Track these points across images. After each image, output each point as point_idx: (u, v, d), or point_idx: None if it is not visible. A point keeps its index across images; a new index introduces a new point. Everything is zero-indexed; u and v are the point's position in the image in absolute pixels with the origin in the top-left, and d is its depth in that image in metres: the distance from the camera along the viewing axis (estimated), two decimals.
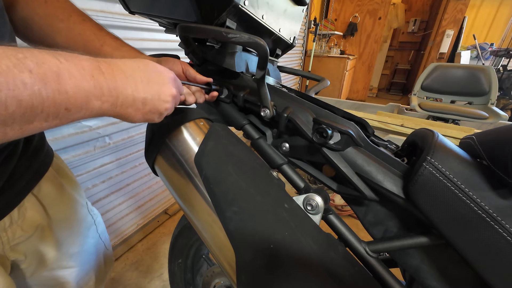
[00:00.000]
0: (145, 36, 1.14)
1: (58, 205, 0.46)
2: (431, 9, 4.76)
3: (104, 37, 0.42)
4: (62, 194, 0.47)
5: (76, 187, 0.53)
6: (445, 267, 0.32)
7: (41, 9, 0.38)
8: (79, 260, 0.50)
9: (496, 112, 1.85)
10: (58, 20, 0.39)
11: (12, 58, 0.19)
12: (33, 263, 0.43)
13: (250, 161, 0.40)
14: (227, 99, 0.48)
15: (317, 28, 3.01)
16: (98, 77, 0.25)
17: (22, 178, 0.39)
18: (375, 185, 0.33)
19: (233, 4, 0.38)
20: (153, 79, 0.31)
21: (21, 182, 0.39)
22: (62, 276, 0.47)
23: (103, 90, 0.26)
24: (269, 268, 0.31)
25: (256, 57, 0.54)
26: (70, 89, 0.22)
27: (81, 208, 0.52)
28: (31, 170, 0.41)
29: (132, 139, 1.18)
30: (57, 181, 0.47)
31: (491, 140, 0.29)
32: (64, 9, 0.40)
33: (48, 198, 0.44)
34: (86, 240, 0.53)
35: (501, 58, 3.65)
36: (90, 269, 0.54)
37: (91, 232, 0.55)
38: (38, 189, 0.42)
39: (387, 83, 5.68)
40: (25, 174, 0.39)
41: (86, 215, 0.54)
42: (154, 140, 0.44)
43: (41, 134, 0.46)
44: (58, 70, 0.22)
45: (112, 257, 0.65)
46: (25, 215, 0.40)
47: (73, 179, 0.53)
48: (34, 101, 0.20)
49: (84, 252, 0.52)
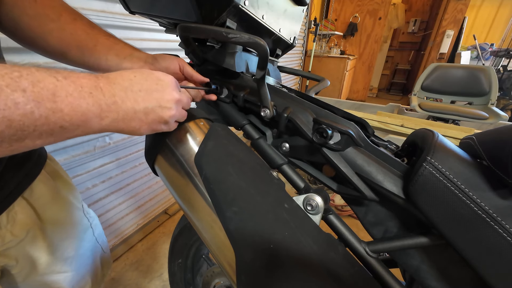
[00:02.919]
0: (145, 36, 1.14)
1: (52, 208, 0.44)
2: (431, 9, 4.76)
3: (97, 36, 0.41)
4: (55, 197, 0.46)
5: (71, 190, 0.51)
6: (445, 267, 0.32)
7: (31, 9, 0.36)
8: (74, 265, 0.49)
9: (496, 113, 1.85)
10: (48, 19, 0.37)
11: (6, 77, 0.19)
12: (25, 268, 0.42)
13: (250, 161, 0.40)
14: (227, 99, 0.48)
15: (317, 28, 3.01)
16: (97, 94, 0.25)
17: (11, 181, 0.37)
18: (375, 185, 0.33)
19: (233, 4, 0.38)
20: (152, 86, 0.30)
21: (10, 185, 0.37)
22: (56, 281, 0.46)
23: (102, 107, 0.25)
24: (269, 268, 0.31)
25: (256, 57, 0.54)
26: (65, 108, 0.22)
27: (76, 211, 0.50)
28: (21, 172, 0.39)
29: (132, 139, 1.18)
30: (50, 184, 0.45)
31: (491, 140, 0.29)
32: (54, 8, 0.38)
33: (40, 201, 0.42)
34: (82, 244, 0.51)
35: (501, 59, 3.66)
36: (86, 273, 0.52)
37: (87, 235, 0.53)
38: (29, 192, 0.41)
39: (387, 83, 5.68)
40: (15, 177, 0.38)
41: (82, 218, 0.52)
42: (154, 140, 0.44)
43: None
44: (54, 88, 0.21)
45: (110, 260, 0.63)
46: (15, 219, 0.38)
47: (68, 181, 0.51)
48: (26, 121, 0.19)
49: (79, 256, 0.50)
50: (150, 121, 0.31)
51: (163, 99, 0.31)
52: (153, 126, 0.31)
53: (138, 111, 0.29)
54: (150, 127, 0.31)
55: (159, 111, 0.31)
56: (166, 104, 0.32)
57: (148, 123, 0.30)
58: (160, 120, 0.32)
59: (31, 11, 0.36)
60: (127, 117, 0.28)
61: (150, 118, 0.30)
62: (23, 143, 0.21)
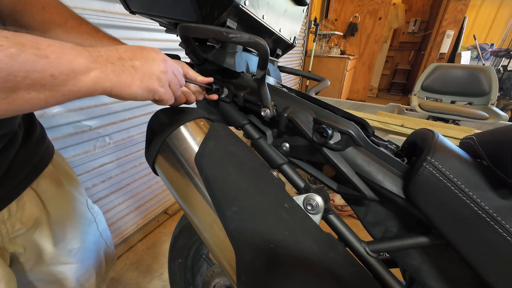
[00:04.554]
0: (145, 36, 1.14)
1: (56, 201, 0.47)
2: (431, 9, 4.76)
3: (101, 39, 0.42)
4: (60, 190, 0.48)
5: (75, 185, 0.53)
6: (445, 267, 0.32)
7: (39, 15, 0.38)
8: (79, 257, 0.51)
9: (496, 113, 1.85)
10: (55, 25, 0.39)
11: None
12: (32, 257, 0.44)
13: (250, 161, 0.40)
14: (227, 98, 0.48)
15: (318, 28, 3.01)
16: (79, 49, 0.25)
17: (21, 172, 0.39)
18: (375, 185, 0.33)
19: (234, 4, 0.38)
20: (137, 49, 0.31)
21: (20, 176, 0.39)
22: (61, 271, 0.48)
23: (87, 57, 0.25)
24: (269, 268, 0.31)
25: (256, 57, 0.54)
26: (50, 54, 0.22)
27: (80, 205, 0.53)
28: (30, 164, 0.41)
29: (132, 138, 1.18)
30: (55, 178, 0.47)
31: (491, 140, 0.29)
32: (61, 15, 0.40)
33: (46, 193, 0.45)
34: (86, 237, 0.53)
35: (501, 59, 3.65)
36: (90, 266, 0.54)
37: (91, 229, 0.55)
38: (37, 184, 0.43)
39: (387, 83, 5.67)
40: (24, 168, 0.40)
41: (86, 212, 0.54)
42: (155, 140, 0.44)
43: (41, 130, 0.46)
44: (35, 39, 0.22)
45: (114, 256, 0.65)
46: (24, 208, 0.41)
47: (72, 176, 0.53)
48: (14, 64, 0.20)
49: (84, 249, 0.52)
50: (141, 75, 0.30)
51: (150, 56, 0.32)
52: (146, 82, 0.30)
53: (127, 66, 0.29)
54: (142, 83, 0.30)
55: (150, 64, 0.31)
56: (155, 60, 0.32)
57: (140, 78, 0.30)
58: (151, 75, 0.31)
59: (39, 18, 0.38)
60: (116, 69, 0.28)
61: (141, 72, 0.30)
62: (18, 95, 0.21)
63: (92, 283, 0.55)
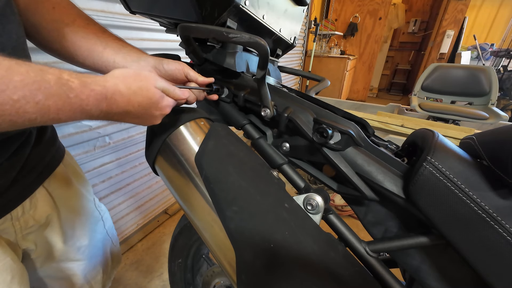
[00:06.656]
0: (145, 36, 1.14)
1: (66, 199, 0.48)
2: (431, 9, 4.76)
3: (107, 40, 0.42)
4: (70, 188, 0.49)
5: (84, 183, 0.54)
6: (445, 267, 0.32)
7: (49, 15, 0.39)
8: (87, 254, 0.52)
9: (496, 113, 1.85)
10: (63, 24, 0.40)
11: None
12: (43, 253, 0.45)
13: (250, 161, 0.40)
14: (227, 98, 0.48)
15: (318, 28, 3.01)
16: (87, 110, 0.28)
17: (34, 170, 0.40)
18: (375, 185, 0.33)
19: (234, 4, 0.38)
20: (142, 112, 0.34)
21: (33, 174, 0.40)
22: (70, 268, 0.49)
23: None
24: (269, 268, 0.31)
25: (256, 57, 0.54)
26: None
27: (88, 203, 0.54)
28: (42, 163, 0.42)
29: (132, 138, 1.18)
30: (66, 176, 0.49)
31: (491, 140, 0.29)
32: (70, 14, 0.41)
33: (57, 192, 0.46)
34: (94, 235, 0.54)
35: (501, 59, 3.65)
36: (97, 263, 0.56)
37: (98, 227, 0.56)
38: (48, 182, 0.44)
39: (388, 83, 5.67)
40: (37, 167, 0.41)
41: (93, 210, 0.56)
42: (155, 140, 0.44)
43: (53, 130, 0.48)
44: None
45: (120, 254, 0.66)
46: (36, 206, 0.42)
47: (81, 175, 0.55)
48: None
49: (91, 247, 0.53)
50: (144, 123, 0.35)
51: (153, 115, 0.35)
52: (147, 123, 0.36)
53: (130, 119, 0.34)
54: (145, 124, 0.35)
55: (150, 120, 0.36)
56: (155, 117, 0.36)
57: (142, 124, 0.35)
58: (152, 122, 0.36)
59: (49, 17, 0.39)
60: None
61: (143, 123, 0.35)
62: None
63: (98, 280, 0.56)
